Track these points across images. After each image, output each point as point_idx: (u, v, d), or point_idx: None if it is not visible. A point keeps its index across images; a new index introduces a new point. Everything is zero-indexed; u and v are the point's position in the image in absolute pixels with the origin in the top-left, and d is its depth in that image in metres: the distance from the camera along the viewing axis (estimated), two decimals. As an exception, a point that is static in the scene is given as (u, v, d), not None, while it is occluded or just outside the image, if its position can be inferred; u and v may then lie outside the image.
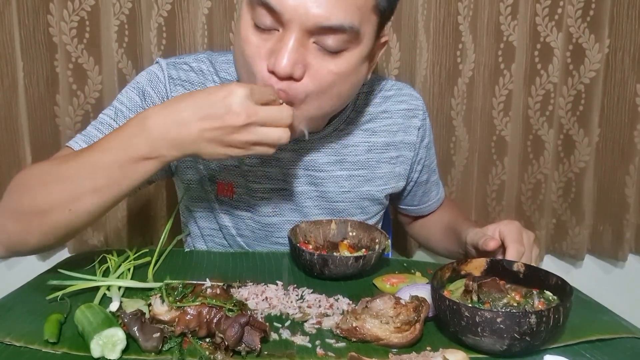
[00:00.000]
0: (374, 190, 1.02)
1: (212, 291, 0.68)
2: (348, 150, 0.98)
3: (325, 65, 0.77)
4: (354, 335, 0.68)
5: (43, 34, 1.37)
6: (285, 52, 0.73)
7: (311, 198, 0.99)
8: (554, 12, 1.44)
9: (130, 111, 0.91)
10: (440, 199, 1.18)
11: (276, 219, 0.99)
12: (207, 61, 0.96)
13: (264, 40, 0.77)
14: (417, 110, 1.04)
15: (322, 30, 0.74)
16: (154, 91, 0.92)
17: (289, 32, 0.74)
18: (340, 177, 0.99)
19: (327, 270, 0.84)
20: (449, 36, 1.44)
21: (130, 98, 0.92)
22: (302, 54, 0.75)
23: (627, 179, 1.53)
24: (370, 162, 1.00)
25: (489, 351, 0.66)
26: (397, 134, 1.02)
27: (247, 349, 0.64)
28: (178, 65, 0.94)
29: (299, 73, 0.75)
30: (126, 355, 0.63)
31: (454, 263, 0.77)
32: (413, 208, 1.16)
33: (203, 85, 0.94)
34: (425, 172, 1.10)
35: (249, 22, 0.78)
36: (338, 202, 1.00)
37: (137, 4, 1.38)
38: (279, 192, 0.98)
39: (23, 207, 0.75)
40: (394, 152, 1.02)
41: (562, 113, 1.52)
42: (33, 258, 1.51)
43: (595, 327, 0.72)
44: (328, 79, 0.78)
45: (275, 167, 0.96)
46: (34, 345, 0.65)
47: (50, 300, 0.76)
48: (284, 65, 0.73)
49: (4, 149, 1.40)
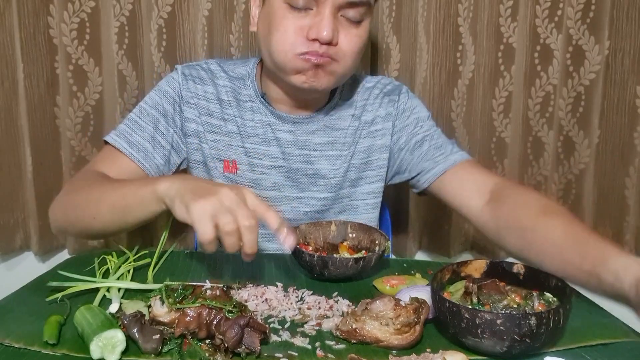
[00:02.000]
0: (358, 163, 1.10)
1: (211, 293, 0.68)
2: (338, 133, 1.09)
3: (352, 31, 0.97)
4: (354, 337, 0.68)
5: (43, 35, 1.38)
6: (325, 22, 0.92)
7: (307, 175, 1.08)
8: (554, 13, 1.45)
9: (151, 108, 1.05)
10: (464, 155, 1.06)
11: (275, 193, 1.08)
12: (215, 64, 1.11)
13: (300, 17, 0.94)
14: (395, 89, 1.14)
15: (349, 4, 0.94)
16: (171, 88, 1.06)
17: (323, 8, 0.93)
18: (332, 156, 1.09)
19: (327, 271, 0.84)
20: (448, 38, 1.44)
21: (152, 98, 1.06)
22: (335, 25, 0.94)
23: (627, 181, 1.53)
24: (355, 140, 1.10)
25: (489, 353, 0.66)
26: (377, 111, 1.12)
27: (246, 351, 0.64)
28: (191, 66, 1.09)
29: (336, 38, 0.94)
30: (126, 357, 0.64)
31: (453, 265, 0.77)
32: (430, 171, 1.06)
33: (212, 81, 1.08)
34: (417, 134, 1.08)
35: (283, 5, 0.94)
36: (330, 178, 1.09)
37: (137, 6, 1.38)
38: (278, 169, 1.07)
39: (68, 206, 0.93)
40: (373, 126, 1.11)
41: (562, 114, 1.52)
42: (33, 259, 1.51)
43: (595, 331, 0.72)
44: (356, 41, 0.97)
45: (274, 145, 1.06)
46: (34, 346, 0.65)
47: (49, 302, 0.76)
48: (327, 33, 0.92)
49: (4, 150, 1.40)
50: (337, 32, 0.94)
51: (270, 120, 1.06)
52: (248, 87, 1.07)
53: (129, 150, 1.00)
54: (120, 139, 1.01)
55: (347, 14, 0.95)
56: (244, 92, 1.07)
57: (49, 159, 1.43)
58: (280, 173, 1.07)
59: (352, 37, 0.97)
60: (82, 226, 0.90)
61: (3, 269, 1.50)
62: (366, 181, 1.11)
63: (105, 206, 0.86)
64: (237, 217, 0.71)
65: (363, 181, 1.11)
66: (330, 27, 0.92)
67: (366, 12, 0.97)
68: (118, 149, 1.00)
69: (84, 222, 0.89)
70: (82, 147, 1.44)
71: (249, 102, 1.06)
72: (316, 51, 0.93)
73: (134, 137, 1.01)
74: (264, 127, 1.06)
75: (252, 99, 1.07)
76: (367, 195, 1.12)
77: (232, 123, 1.06)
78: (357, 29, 0.97)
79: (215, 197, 0.72)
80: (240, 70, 1.09)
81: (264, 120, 1.06)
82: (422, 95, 1.45)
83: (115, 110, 1.42)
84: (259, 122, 1.06)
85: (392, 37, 1.44)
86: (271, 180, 1.07)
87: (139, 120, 1.04)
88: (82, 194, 0.91)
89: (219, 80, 1.08)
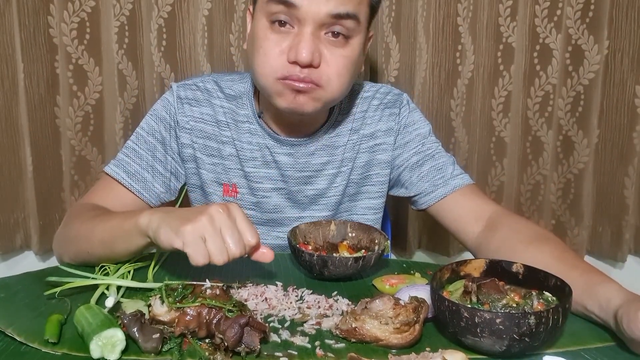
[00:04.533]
0: (357, 178, 1.08)
1: (211, 292, 0.69)
2: (337, 150, 1.06)
3: (337, 52, 0.90)
4: (354, 336, 0.68)
5: (43, 35, 1.38)
6: (304, 43, 0.87)
7: (307, 196, 1.06)
8: (553, 13, 1.45)
9: (148, 135, 1.02)
10: (464, 179, 1.04)
11: (276, 215, 1.07)
12: (212, 81, 1.06)
13: (281, 39, 0.89)
14: (396, 102, 1.09)
15: (332, 19, 0.87)
16: (166, 113, 1.03)
17: (304, 27, 0.87)
18: (331, 175, 1.06)
19: (327, 271, 0.84)
20: (448, 38, 1.44)
21: (149, 123, 1.03)
22: (317, 45, 0.88)
23: (626, 180, 1.53)
24: (354, 155, 1.07)
25: (488, 352, 0.66)
26: (378, 124, 1.07)
27: (246, 350, 0.64)
28: (187, 86, 1.05)
29: (317, 60, 0.88)
30: (126, 356, 0.64)
31: (453, 264, 0.77)
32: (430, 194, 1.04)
33: (208, 102, 1.04)
34: (418, 153, 1.06)
35: (265, 24, 0.90)
36: (330, 196, 1.07)
37: (138, 5, 1.38)
38: (279, 191, 1.05)
39: (65, 240, 0.94)
40: (372, 141, 1.07)
41: (561, 114, 1.52)
42: (33, 259, 1.52)
43: (595, 335, 0.72)
44: (341, 62, 0.91)
45: (274, 168, 1.04)
46: (34, 343, 0.65)
47: (48, 297, 0.76)
48: (305, 54, 0.86)
49: (4, 150, 1.40)
50: (318, 53, 0.88)
51: (268, 143, 1.02)
52: (245, 107, 1.03)
53: (128, 181, 0.99)
54: (119, 169, 1.00)
55: (333, 29, 0.88)
56: (241, 112, 1.03)
57: (49, 159, 1.44)
58: (280, 195, 1.05)
59: (337, 58, 0.89)
60: (81, 259, 0.90)
61: (3, 268, 1.50)
62: (366, 196, 1.09)
63: (95, 241, 0.85)
64: (226, 241, 0.71)
65: (362, 196, 1.09)
66: (310, 49, 0.86)
67: (355, 28, 0.90)
68: (117, 179, 0.99)
69: (82, 255, 0.89)
70: (82, 146, 1.44)
71: (246, 124, 1.03)
72: (297, 75, 0.88)
73: (132, 167, 1.00)
74: (262, 150, 1.03)
75: (250, 119, 1.03)
76: (366, 211, 1.10)
77: (230, 146, 1.03)
78: (344, 49, 0.90)
79: (205, 217, 0.71)
80: (238, 87, 1.05)
81: (261, 143, 1.02)
82: (422, 95, 1.46)
83: (115, 110, 1.42)
84: (257, 145, 1.03)
85: (392, 36, 1.44)
86: (272, 203, 1.05)
87: (137, 148, 1.02)
88: (75, 229, 0.91)
89: (216, 100, 1.04)
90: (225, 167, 1.04)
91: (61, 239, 0.96)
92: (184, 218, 0.72)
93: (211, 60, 1.41)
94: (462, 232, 1.01)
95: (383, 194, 1.10)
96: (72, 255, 0.91)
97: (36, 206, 1.42)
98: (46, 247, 1.48)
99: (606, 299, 0.71)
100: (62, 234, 0.96)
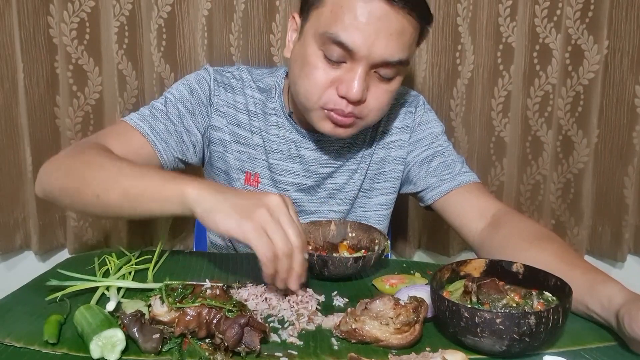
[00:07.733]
0: (372, 174, 1.11)
1: (211, 292, 0.69)
2: (357, 147, 1.09)
3: (383, 87, 0.93)
4: (354, 337, 0.68)
5: (43, 35, 1.38)
6: (356, 82, 0.89)
7: (326, 190, 1.09)
8: (553, 13, 1.45)
9: (177, 101, 1.01)
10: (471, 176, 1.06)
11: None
12: (246, 71, 1.09)
13: (331, 69, 0.90)
14: (412, 101, 1.13)
15: (384, 64, 0.90)
16: (200, 88, 1.03)
17: (357, 65, 0.89)
18: (351, 170, 1.09)
19: (327, 271, 0.84)
20: (448, 37, 1.44)
21: (179, 90, 1.03)
22: (367, 82, 0.91)
23: (625, 180, 1.53)
24: (371, 152, 1.10)
25: (489, 352, 0.66)
26: (394, 122, 1.11)
27: (246, 350, 0.64)
28: (222, 72, 1.07)
29: (365, 97, 0.91)
30: (126, 356, 0.64)
31: (453, 264, 0.77)
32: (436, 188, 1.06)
33: (242, 91, 1.06)
34: (428, 149, 1.09)
35: (318, 52, 0.90)
36: (348, 191, 1.10)
37: (137, 6, 1.38)
38: (299, 186, 1.08)
39: (68, 173, 0.86)
40: (389, 137, 1.11)
41: (561, 114, 1.52)
42: (33, 259, 1.52)
43: (595, 334, 0.72)
44: (385, 97, 0.94)
45: (298, 163, 1.07)
46: (34, 346, 0.65)
47: (49, 301, 0.76)
48: (356, 93, 0.89)
49: (4, 149, 1.40)
50: (366, 90, 0.91)
51: (294, 137, 1.05)
52: (274, 100, 1.06)
53: (152, 138, 0.96)
54: (144, 123, 0.96)
55: (381, 71, 0.91)
56: (270, 105, 1.06)
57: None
58: (301, 189, 1.07)
59: (381, 93, 0.93)
60: (78, 200, 0.83)
61: (3, 268, 1.50)
62: (379, 192, 1.12)
63: (116, 189, 0.79)
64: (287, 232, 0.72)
65: (376, 192, 1.12)
66: (361, 87, 0.89)
67: (403, 69, 0.94)
68: (141, 132, 0.95)
69: (83, 196, 0.82)
70: (81, 146, 1.44)
71: (274, 117, 1.05)
72: (342, 110, 0.91)
73: (158, 126, 0.97)
74: (288, 144, 1.05)
75: (278, 113, 1.05)
76: (379, 207, 1.12)
77: (257, 136, 1.05)
78: (389, 85, 0.94)
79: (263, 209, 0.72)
80: (268, 81, 1.07)
81: (288, 137, 1.05)
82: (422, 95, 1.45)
83: (115, 110, 1.42)
84: (283, 138, 1.05)
85: (392, 36, 1.44)
86: (292, 197, 1.06)
87: (165, 110, 0.99)
88: (90, 166, 0.84)
89: (249, 90, 1.06)
90: (251, 155, 1.06)
91: (63, 169, 0.87)
92: (242, 208, 0.72)
93: (211, 60, 1.41)
94: (466, 228, 1.01)
95: (395, 190, 1.13)
96: (71, 190, 0.83)
97: (36, 206, 1.42)
98: (46, 247, 1.48)
99: (608, 298, 0.71)
100: (65, 164, 0.88)
